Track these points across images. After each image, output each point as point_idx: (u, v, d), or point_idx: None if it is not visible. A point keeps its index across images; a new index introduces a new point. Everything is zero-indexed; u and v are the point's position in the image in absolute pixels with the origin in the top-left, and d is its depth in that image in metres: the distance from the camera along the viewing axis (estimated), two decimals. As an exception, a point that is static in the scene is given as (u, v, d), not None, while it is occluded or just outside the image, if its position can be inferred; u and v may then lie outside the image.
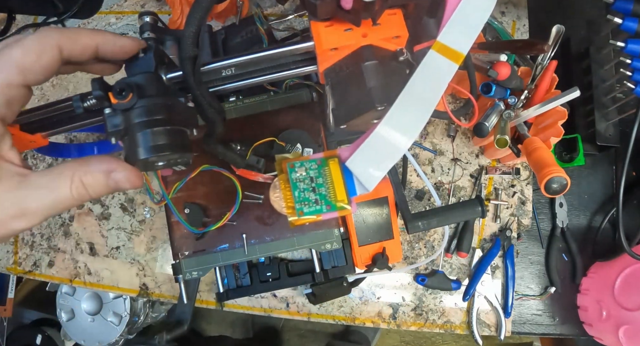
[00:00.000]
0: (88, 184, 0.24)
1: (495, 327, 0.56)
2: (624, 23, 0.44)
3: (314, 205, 0.29)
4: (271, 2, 0.64)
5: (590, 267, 0.57)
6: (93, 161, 0.24)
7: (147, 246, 0.61)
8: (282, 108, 0.52)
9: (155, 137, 0.24)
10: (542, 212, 0.60)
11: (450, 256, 0.57)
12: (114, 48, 0.27)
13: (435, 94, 0.27)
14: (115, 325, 0.94)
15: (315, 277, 0.52)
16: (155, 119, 0.24)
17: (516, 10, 0.62)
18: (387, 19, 0.31)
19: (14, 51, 0.23)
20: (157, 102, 0.25)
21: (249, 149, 0.48)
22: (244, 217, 0.51)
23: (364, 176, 0.28)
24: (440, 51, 0.27)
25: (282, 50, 0.33)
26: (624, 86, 0.50)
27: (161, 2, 0.67)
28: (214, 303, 0.58)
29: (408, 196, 0.58)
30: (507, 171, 0.57)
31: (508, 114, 0.48)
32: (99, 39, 0.26)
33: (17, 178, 0.23)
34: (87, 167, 0.24)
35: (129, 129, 0.24)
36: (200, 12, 0.28)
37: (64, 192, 0.23)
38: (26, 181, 0.23)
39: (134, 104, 0.24)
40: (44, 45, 0.24)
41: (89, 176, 0.24)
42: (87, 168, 0.24)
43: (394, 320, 0.57)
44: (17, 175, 0.23)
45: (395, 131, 0.27)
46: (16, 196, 0.22)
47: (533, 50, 0.43)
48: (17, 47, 0.23)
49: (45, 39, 0.24)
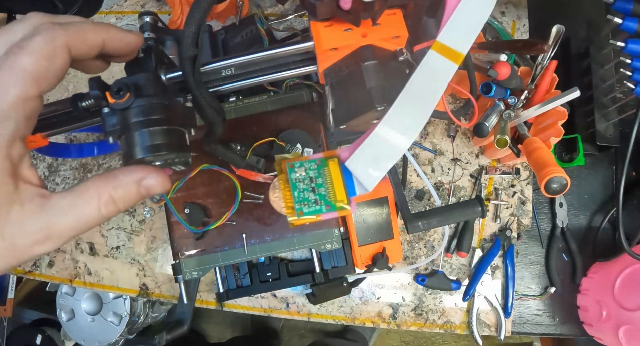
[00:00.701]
0: (119, 198, 0.23)
1: (495, 327, 0.56)
2: (624, 23, 0.44)
3: (314, 205, 0.29)
4: (271, 2, 0.64)
5: (590, 267, 0.57)
6: (120, 174, 0.23)
7: (147, 246, 0.61)
8: (282, 108, 0.52)
9: (152, 136, 0.24)
10: (542, 212, 0.60)
11: (450, 256, 0.57)
12: (120, 45, 0.25)
13: (435, 94, 0.27)
14: (115, 325, 0.94)
15: (315, 277, 0.52)
16: (153, 118, 0.24)
17: (516, 10, 0.62)
18: (387, 19, 0.31)
19: (24, 59, 0.21)
20: (155, 102, 0.25)
21: (249, 149, 0.48)
22: (244, 217, 0.51)
23: (364, 176, 0.28)
24: (440, 51, 0.27)
25: (282, 50, 0.33)
26: (624, 86, 0.50)
27: (161, 2, 0.67)
28: (214, 303, 0.58)
29: (408, 196, 0.58)
30: (507, 171, 0.57)
31: (508, 114, 0.48)
32: (105, 35, 0.24)
33: (39, 200, 0.22)
34: (116, 182, 0.23)
35: (127, 129, 0.24)
36: (200, 12, 0.28)
37: (91, 211, 0.22)
38: (49, 203, 0.22)
39: (131, 104, 0.24)
40: (54, 48, 0.22)
41: (120, 189, 0.23)
42: (117, 182, 0.23)
43: (394, 320, 0.57)
44: (38, 197, 0.22)
45: (394, 131, 0.27)
46: (40, 220, 0.21)
47: (533, 50, 0.43)
48: (26, 54, 0.21)
49: (54, 40, 0.22)
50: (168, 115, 0.25)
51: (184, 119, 0.27)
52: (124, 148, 0.24)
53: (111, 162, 0.63)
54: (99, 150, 0.62)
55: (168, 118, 0.25)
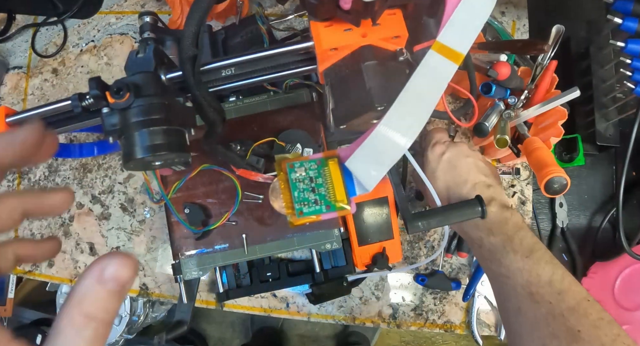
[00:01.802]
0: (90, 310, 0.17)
1: (495, 327, 0.56)
2: (624, 23, 0.44)
3: (314, 205, 0.29)
4: (271, 2, 0.64)
5: (590, 267, 0.57)
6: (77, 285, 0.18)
7: (147, 246, 0.61)
8: (282, 108, 0.52)
9: (152, 136, 0.24)
10: (542, 212, 0.60)
11: (450, 256, 0.57)
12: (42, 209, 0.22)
13: (435, 94, 0.27)
14: (115, 325, 0.94)
15: (315, 277, 0.52)
16: (152, 118, 0.24)
17: (516, 10, 0.62)
18: (387, 19, 0.31)
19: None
20: (155, 102, 0.25)
21: (249, 149, 0.48)
22: (244, 217, 0.51)
23: (364, 176, 0.28)
24: (440, 51, 0.27)
25: (282, 50, 0.33)
26: (624, 86, 0.50)
27: (161, 2, 0.67)
28: (214, 303, 0.58)
29: (408, 196, 0.58)
30: (507, 171, 0.57)
31: (508, 114, 0.48)
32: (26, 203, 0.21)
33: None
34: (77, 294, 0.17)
35: (126, 129, 0.24)
36: (200, 12, 0.28)
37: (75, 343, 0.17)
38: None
39: (131, 104, 0.24)
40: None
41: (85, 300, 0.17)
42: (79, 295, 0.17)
43: (394, 320, 0.57)
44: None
45: (395, 131, 0.27)
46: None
47: (533, 50, 0.43)
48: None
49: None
50: (168, 115, 0.25)
51: (183, 119, 0.27)
52: (124, 148, 0.24)
53: (111, 162, 0.63)
54: (99, 150, 0.62)
55: (168, 118, 0.25)
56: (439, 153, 0.45)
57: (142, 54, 0.30)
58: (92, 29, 0.67)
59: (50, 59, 0.67)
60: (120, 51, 0.66)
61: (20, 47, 0.69)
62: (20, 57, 0.68)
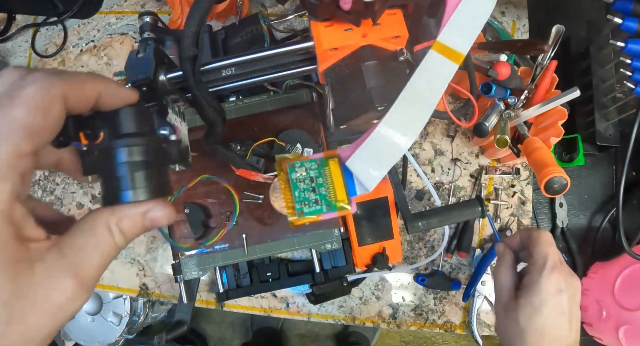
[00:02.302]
0: (125, 229, 0.22)
1: (495, 327, 0.56)
2: (624, 23, 0.44)
3: (314, 205, 0.29)
4: (271, 2, 0.64)
5: (590, 267, 0.57)
6: (125, 205, 0.22)
7: (147, 246, 0.61)
8: (282, 108, 0.52)
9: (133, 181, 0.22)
10: (542, 212, 0.60)
11: (450, 256, 0.57)
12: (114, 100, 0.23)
13: (435, 94, 0.27)
14: (115, 325, 0.94)
15: (315, 277, 0.52)
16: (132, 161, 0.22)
17: (516, 10, 0.62)
18: (387, 19, 0.31)
19: (16, 110, 0.18)
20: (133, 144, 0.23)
21: (249, 149, 0.48)
22: (244, 217, 0.51)
23: (364, 176, 0.28)
24: (440, 51, 0.27)
25: (282, 50, 0.33)
26: (624, 86, 0.50)
27: (161, 2, 0.67)
28: (214, 303, 0.58)
29: (408, 196, 0.58)
30: (507, 171, 0.57)
31: (508, 114, 0.48)
32: (102, 88, 0.22)
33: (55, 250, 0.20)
34: (122, 213, 0.22)
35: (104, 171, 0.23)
36: (200, 12, 0.28)
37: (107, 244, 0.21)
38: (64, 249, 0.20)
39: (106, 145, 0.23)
40: (50, 98, 0.19)
41: (126, 220, 0.22)
42: (123, 213, 0.22)
43: (394, 320, 0.57)
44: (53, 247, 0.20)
45: (395, 131, 0.27)
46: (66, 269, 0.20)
47: (533, 50, 0.43)
48: (18, 104, 0.18)
49: (50, 89, 0.19)
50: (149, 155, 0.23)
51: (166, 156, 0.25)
52: (103, 191, 0.23)
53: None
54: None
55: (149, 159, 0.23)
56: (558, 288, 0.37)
57: (142, 54, 0.30)
58: (92, 29, 0.67)
59: (50, 59, 0.67)
60: (120, 51, 0.66)
61: (21, 47, 0.69)
62: (21, 57, 0.68)
